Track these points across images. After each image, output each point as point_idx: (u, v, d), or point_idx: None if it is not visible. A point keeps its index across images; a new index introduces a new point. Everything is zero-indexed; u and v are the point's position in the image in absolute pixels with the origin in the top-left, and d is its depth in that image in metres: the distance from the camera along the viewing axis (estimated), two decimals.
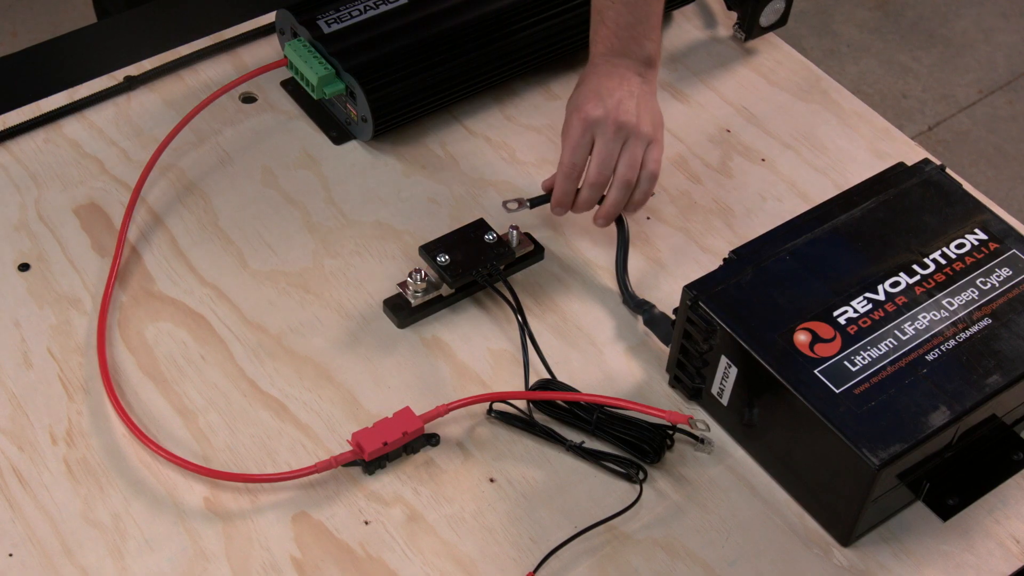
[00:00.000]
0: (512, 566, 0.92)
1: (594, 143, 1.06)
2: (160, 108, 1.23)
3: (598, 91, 1.07)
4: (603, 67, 1.09)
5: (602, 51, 1.10)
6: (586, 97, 1.07)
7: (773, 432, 0.96)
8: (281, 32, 1.23)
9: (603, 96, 1.06)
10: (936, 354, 0.93)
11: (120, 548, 0.92)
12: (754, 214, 1.18)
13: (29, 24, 2.50)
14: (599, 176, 1.07)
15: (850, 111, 1.28)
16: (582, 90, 1.08)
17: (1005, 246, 1.01)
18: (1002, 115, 2.55)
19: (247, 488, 0.96)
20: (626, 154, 1.06)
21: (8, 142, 1.19)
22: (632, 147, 1.06)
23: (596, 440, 0.99)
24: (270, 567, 0.91)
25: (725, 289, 0.97)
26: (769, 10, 1.30)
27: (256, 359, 1.04)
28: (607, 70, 1.08)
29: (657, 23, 1.10)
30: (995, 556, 0.95)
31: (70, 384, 1.01)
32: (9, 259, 1.10)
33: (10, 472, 0.96)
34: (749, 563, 0.93)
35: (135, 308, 1.07)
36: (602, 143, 1.06)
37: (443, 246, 1.08)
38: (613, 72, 1.08)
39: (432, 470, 0.98)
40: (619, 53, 1.09)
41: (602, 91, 1.07)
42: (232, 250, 1.11)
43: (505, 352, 1.05)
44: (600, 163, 1.06)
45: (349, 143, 1.21)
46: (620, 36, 1.09)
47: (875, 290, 0.97)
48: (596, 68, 1.09)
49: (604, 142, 1.06)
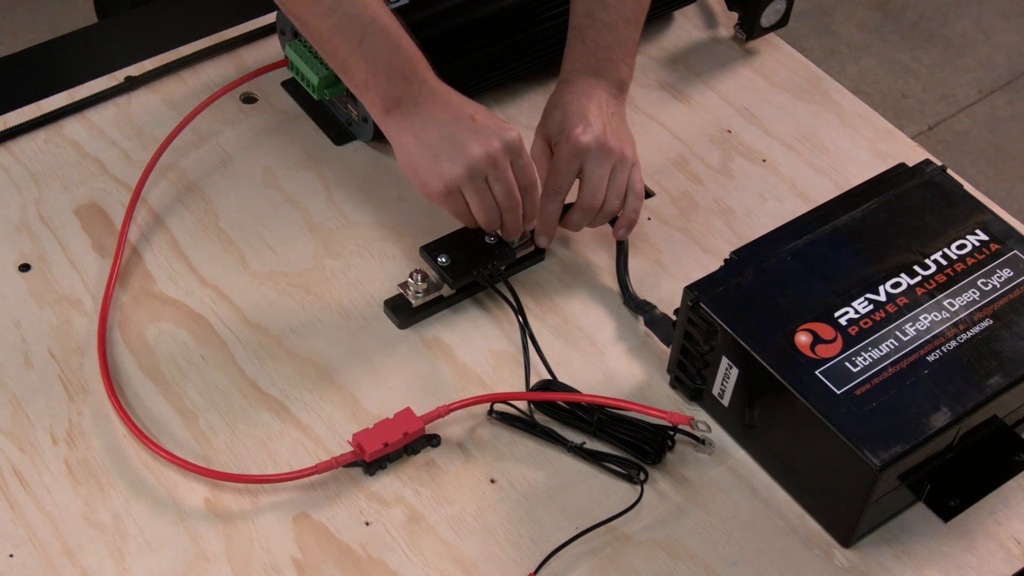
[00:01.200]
0: (513, 567, 0.92)
1: (583, 169, 1.06)
2: (161, 108, 1.23)
3: (583, 115, 1.06)
4: (579, 85, 1.08)
5: (577, 68, 1.10)
6: (573, 122, 1.06)
7: (774, 433, 0.96)
8: (282, 32, 1.23)
9: (590, 121, 1.05)
10: (937, 355, 0.93)
11: (121, 549, 0.92)
12: (755, 215, 1.18)
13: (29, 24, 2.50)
14: (593, 202, 1.07)
15: (851, 112, 1.28)
16: (567, 113, 1.07)
17: (1006, 247, 1.01)
18: (1002, 115, 2.55)
19: (248, 489, 0.96)
20: (614, 184, 1.07)
21: (8, 142, 1.19)
22: (620, 174, 1.07)
23: (597, 441, 0.99)
24: (271, 568, 0.91)
25: (726, 290, 0.97)
26: (770, 10, 1.30)
27: (257, 360, 1.04)
28: (584, 89, 1.08)
29: (634, 49, 1.11)
30: (996, 557, 0.94)
31: (71, 385, 1.01)
32: (10, 259, 1.10)
33: (11, 473, 0.96)
34: (750, 564, 0.93)
35: (136, 309, 1.07)
36: (593, 170, 1.06)
37: (444, 247, 1.08)
38: (591, 93, 1.08)
39: (433, 471, 0.98)
40: (594, 73, 1.09)
41: (587, 115, 1.06)
42: (233, 250, 1.11)
43: (506, 353, 1.05)
44: (593, 190, 1.06)
45: (350, 143, 1.21)
46: (598, 56, 1.09)
47: (876, 291, 0.97)
48: (572, 86, 1.09)
49: (594, 168, 1.06)
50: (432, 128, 1.01)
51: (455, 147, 1.00)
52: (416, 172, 1.02)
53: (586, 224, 1.09)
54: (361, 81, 1.01)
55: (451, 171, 1.00)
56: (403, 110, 1.01)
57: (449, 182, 1.01)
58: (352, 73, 1.01)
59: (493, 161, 1.01)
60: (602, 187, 1.06)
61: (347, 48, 0.99)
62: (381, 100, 1.01)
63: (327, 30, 0.99)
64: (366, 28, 0.98)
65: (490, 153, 1.00)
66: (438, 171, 1.01)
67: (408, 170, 1.03)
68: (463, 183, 1.01)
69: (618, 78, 1.10)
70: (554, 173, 1.07)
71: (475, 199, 1.02)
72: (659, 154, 1.22)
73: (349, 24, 0.98)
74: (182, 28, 1.30)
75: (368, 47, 0.99)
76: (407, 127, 1.01)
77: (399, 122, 1.02)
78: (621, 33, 1.10)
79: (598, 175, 1.06)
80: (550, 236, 1.10)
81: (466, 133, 1.00)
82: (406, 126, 1.01)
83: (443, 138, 1.00)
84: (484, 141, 1.00)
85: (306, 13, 0.99)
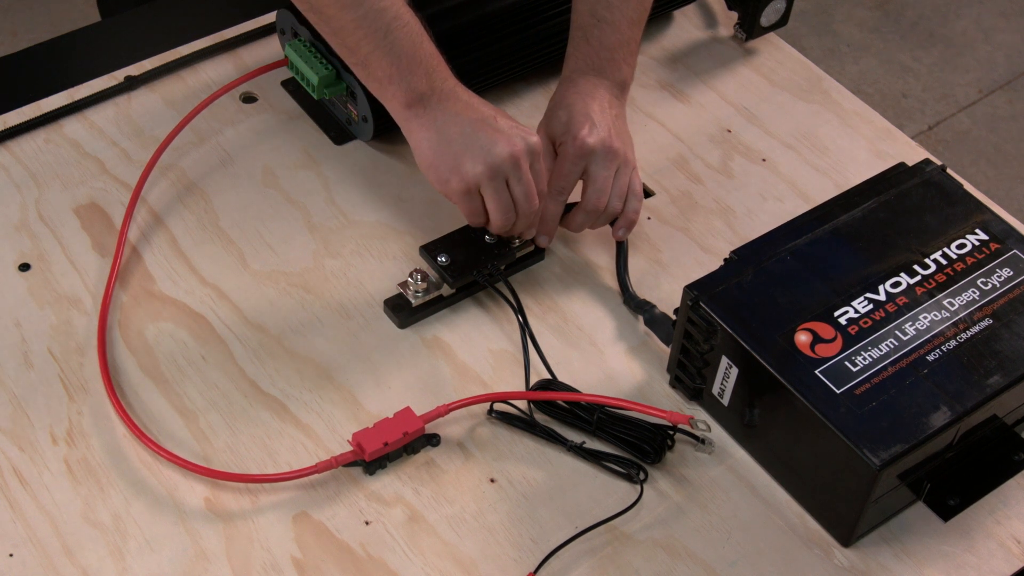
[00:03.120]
0: (513, 566, 0.92)
1: (587, 170, 1.07)
2: (161, 108, 1.23)
3: (588, 115, 1.06)
4: (583, 85, 1.08)
5: (581, 67, 1.10)
6: (579, 122, 1.06)
7: (774, 432, 0.96)
8: (282, 32, 1.23)
9: (595, 122, 1.06)
10: (937, 354, 0.93)
11: (120, 548, 0.92)
12: (755, 214, 1.18)
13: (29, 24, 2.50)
14: (598, 203, 1.07)
15: (851, 111, 1.28)
16: (572, 113, 1.07)
17: (1006, 246, 1.01)
18: (1002, 115, 2.55)
19: (248, 488, 0.96)
20: (617, 186, 1.07)
21: (8, 142, 1.19)
22: (622, 176, 1.07)
23: (597, 440, 0.99)
24: (271, 567, 0.91)
25: (726, 289, 0.97)
26: (770, 10, 1.30)
27: (257, 359, 1.04)
28: (588, 90, 1.08)
29: (636, 49, 1.11)
30: (996, 557, 0.95)
31: (70, 384, 1.01)
32: (10, 259, 1.10)
33: (10, 472, 0.96)
34: (750, 563, 0.93)
35: (135, 308, 1.07)
36: (598, 172, 1.06)
37: (444, 246, 1.08)
38: (595, 93, 1.08)
39: (433, 470, 0.98)
40: (598, 72, 1.09)
41: (592, 116, 1.06)
42: (233, 250, 1.11)
43: (506, 352, 1.05)
44: (599, 192, 1.07)
45: (350, 143, 1.21)
46: (601, 56, 1.09)
47: (876, 290, 0.97)
48: (575, 85, 1.09)
49: (599, 170, 1.06)
50: (455, 126, 1.00)
51: (479, 146, 1.00)
52: (436, 169, 1.02)
53: (588, 225, 1.09)
54: (384, 75, 1.00)
55: (473, 170, 1.00)
56: (425, 105, 1.00)
57: (470, 181, 1.00)
58: (375, 67, 1.00)
59: (516, 163, 1.01)
60: (607, 189, 1.06)
61: (371, 42, 0.99)
62: (404, 95, 1.00)
63: (351, 23, 0.98)
64: (391, 22, 0.98)
65: (514, 154, 1.00)
66: (460, 169, 1.00)
67: (427, 167, 1.02)
68: (484, 182, 1.01)
69: (620, 78, 1.11)
70: (558, 174, 1.07)
71: (493, 199, 1.02)
72: (659, 154, 1.23)
73: (375, 18, 0.98)
74: (182, 28, 1.30)
75: (393, 41, 0.98)
76: (429, 123, 1.01)
77: (420, 117, 1.01)
78: (624, 33, 1.10)
79: (603, 177, 1.06)
80: (551, 236, 1.10)
81: (490, 133, 1.00)
82: (428, 122, 1.01)
83: (466, 136, 1.00)
84: (509, 142, 1.00)
85: (330, 6, 0.98)
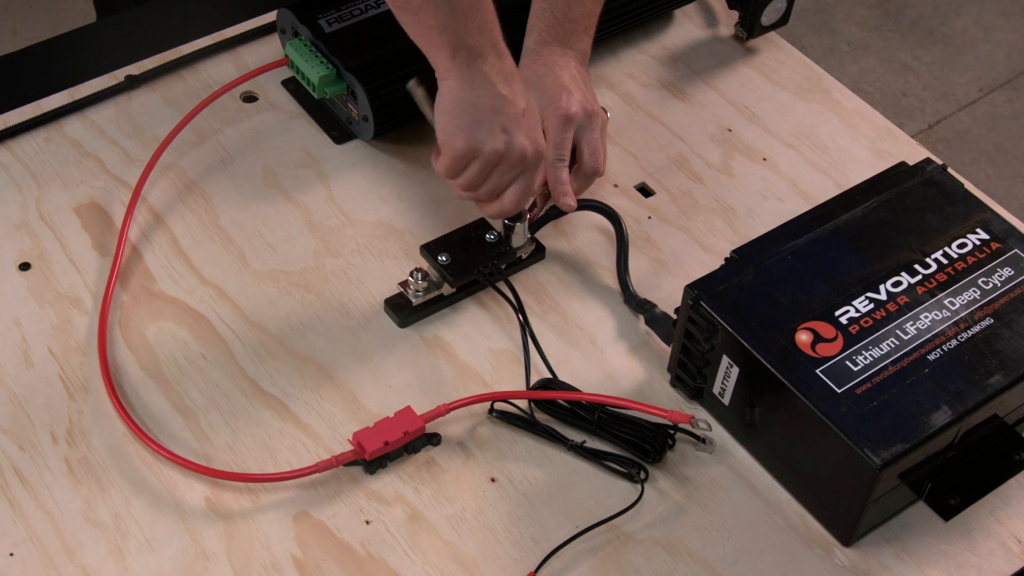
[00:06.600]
0: (513, 566, 0.92)
1: (576, 137, 1.09)
2: (161, 107, 1.23)
3: (562, 86, 1.09)
4: (548, 56, 1.11)
5: (546, 39, 1.13)
6: (554, 94, 1.09)
7: (774, 432, 0.96)
8: (282, 31, 1.23)
9: (571, 91, 1.09)
10: (938, 354, 0.93)
11: (121, 548, 0.92)
12: (755, 213, 1.18)
13: (29, 23, 2.50)
14: (596, 164, 1.10)
15: (851, 110, 1.28)
16: (547, 86, 1.09)
17: (1007, 246, 1.01)
18: (1002, 113, 2.55)
19: (248, 488, 0.96)
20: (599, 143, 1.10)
21: (9, 141, 1.19)
22: (604, 137, 1.11)
23: (597, 440, 0.99)
24: (271, 567, 0.91)
25: (727, 289, 0.97)
26: (771, 9, 1.30)
27: (257, 358, 1.04)
28: (556, 60, 1.11)
29: (595, 22, 1.15)
30: (997, 556, 0.94)
31: (71, 383, 1.01)
32: (10, 258, 1.10)
33: (11, 471, 0.96)
34: (750, 563, 0.93)
35: (136, 307, 1.07)
36: (587, 136, 1.09)
37: (444, 245, 1.08)
38: (563, 64, 1.11)
39: (433, 470, 0.98)
40: (561, 43, 1.13)
41: (567, 85, 1.09)
42: (233, 249, 1.11)
43: (506, 351, 1.05)
44: (594, 154, 1.10)
45: (350, 142, 1.21)
46: (564, 28, 1.13)
47: (877, 290, 0.97)
48: (542, 58, 1.12)
49: (588, 134, 1.09)
50: (486, 94, 0.99)
51: (500, 126, 0.99)
52: (453, 118, 1.00)
53: (583, 189, 1.11)
54: (438, 24, 0.97)
55: (483, 142, 0.99)
56: (469, 61, 0.98)
57: (474, 149, 0.99)
58: (429, 14, 0.97)
59: (523, 161, 1.01)
60: (599, 149, 1.10)
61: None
62: (452, 45, 0.97)
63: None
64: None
65: (528, 154, 1.01)
66: (472, 134, 0.99)
67: (444, 113, 1.00)
68: (484, 158, 1.00)
69: (582, 48, 1.14)
70: (552, 144, 1.08)
71: (592, 141, 1.08)
72: (659, 153, 1.22)
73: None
74: (182, 27, 1.30)
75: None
76: (468, 79, 0.98)
77: (460, 71, 0.99)
78: (588, 6, 1.13)
79: (594, 139, 1.09)
80: (572, 196, 1.09)
81: (515, 120, 1.00)
82: (468, 77, 0.98)
83: (495, 111, 0.99)
84: (529, 141, 1.00)
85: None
